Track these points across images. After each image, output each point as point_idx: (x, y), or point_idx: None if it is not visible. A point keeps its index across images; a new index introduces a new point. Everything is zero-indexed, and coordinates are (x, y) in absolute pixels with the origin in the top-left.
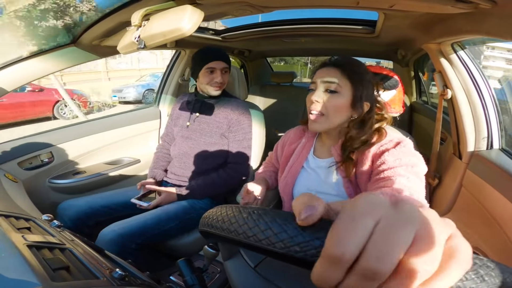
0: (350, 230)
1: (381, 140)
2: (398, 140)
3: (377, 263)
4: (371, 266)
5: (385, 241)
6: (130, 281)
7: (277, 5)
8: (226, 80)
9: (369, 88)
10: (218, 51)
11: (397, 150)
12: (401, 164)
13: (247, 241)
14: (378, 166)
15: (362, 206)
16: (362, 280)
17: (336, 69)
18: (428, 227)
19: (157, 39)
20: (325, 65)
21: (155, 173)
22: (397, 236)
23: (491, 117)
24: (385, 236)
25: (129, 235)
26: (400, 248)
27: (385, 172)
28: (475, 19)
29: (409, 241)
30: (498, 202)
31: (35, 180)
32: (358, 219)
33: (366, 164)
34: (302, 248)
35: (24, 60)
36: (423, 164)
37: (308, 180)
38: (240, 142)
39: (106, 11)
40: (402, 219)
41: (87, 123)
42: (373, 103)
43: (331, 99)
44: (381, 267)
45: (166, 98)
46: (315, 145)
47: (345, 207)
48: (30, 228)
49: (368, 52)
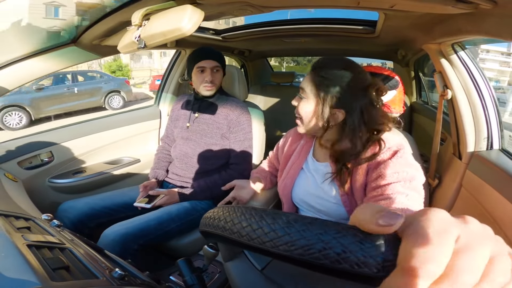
0: (439, 244)
1: (375, 149)
2: (396, 149)
3: (466, 276)
4: (461, 279)
5: (471, 255)
6: (130, 281)
7: (277, 5)
8: (217, 79)
9: (343, 95)
10: (208, 50)
11: (393, 162)
12: (399, 179)
13: (251, 243)
14: (374, 179)
15: (439, 222)
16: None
17: (310, 73)
18: (497, 242)
19: (157, 38)
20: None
21: (156, 174)
22: (479, 251)
23: (491, 117)
24: (470, 250)
25: (131, 236)
26: (483, 262)
27: (383, 189)
28: (475, 19)
29: (488, 255)
30: (497, 203)
31: (35, 180)
32: (443, 233)
33: (361, 174)
34: (363, 263)
35: (25, 59)
36: (421, 175)
37: (306, 184)
38: (241, 143)
39: (107, 10)
40: (479, 235)
41: (87, 122)
42: (353, 111)
43: (300, 105)
44: (470, 280)
45: (166, 98)
46: (314, 146)
47: (415, 222)
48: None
49: (368, 52)
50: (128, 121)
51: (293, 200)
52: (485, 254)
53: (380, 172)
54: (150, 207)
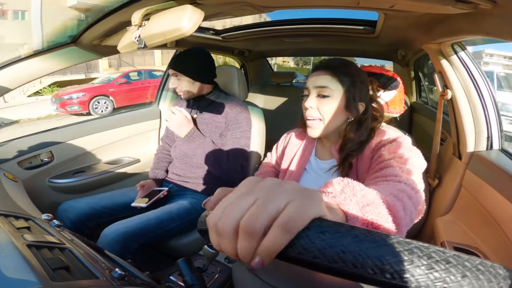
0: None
1: (378, 139)
2: (395, 137)
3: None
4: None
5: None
6: (130, 281)
7: (277, 5)
8: (180, 85)
9: (362, 88)
10: (177, 57)
11: (393, 145)
12: (394, 157)
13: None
14: (375, 161)
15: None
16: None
17: (327, 72)
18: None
19: (157, 38)
20: (317, 68)
21: (156, 174)
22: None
23: (491, 117)
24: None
25: (131, 235)
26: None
27: (381, 164)
28: (475, 19)
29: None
30: (497, 203)
31: (35, 180)
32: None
33: (366, 163)
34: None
35: (25, 60)
36: (421, 157)
37: (311, 182)
38: (237, 140)
39: (107, 10)
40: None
41: (87, 122)
42: (368, 103)
43: (325, 104)
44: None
45: (166, 97)
46: (316, 146)
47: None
48: (30, 227)
49: (368, 52)
50: (128, 121)
51: None
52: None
53: (381, 153)
54: (146, 206)
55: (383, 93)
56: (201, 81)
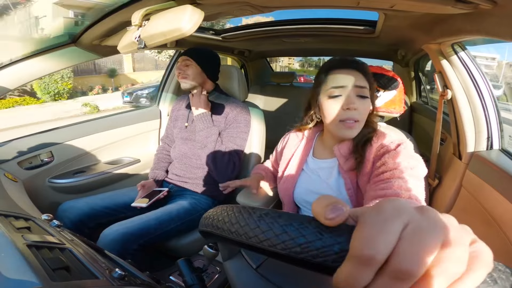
0: (380, 232)
1: (379, 142)
2: (399, 142)
3: (410, 264)
4: (404, 267)
5: (417, 243)
6: (130, 281)
7: (277, 5)
8: (187, 71)
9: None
10: (190, 48)
11: (397, 152)
12: (400, 167)
13: (248, 242)
14: (378, 167)
15: (389, 210)
16: (394, 281)
17: (360, 72)
18: (455, 231)
19: (157, 39)
20: (346, 66)
21: (156, 174)
22: (428, 238)
23: (491, 117)
24: (416, 238)
25: (131, 235)
26: (431, 250)
27: (384, 175)
28: (475, 19)
29: (439, 244)
30: (498, 203)
31: (35, 180)
32: (388, 221)
33: (367, 166)
34: (322, 253)
35: (25, 60)
36: (422, 166)
37: (308, 182)
38: (232, 138)
39: (107, 10)
40: (430, 223)
41: (87, 122)
42: (373, 104)
43: (364, 105)
44: (414, 268)
45: (166, 98)
46: (314, 146)
47: (368, 211)
48: (30, 227)
49: (368, 52)
50: (128, 121)
51: (295, 201)
52: (432, 242)
53: (384, 161)
54: (147, 206)
55: (383, 93)
56: (207, 74)
